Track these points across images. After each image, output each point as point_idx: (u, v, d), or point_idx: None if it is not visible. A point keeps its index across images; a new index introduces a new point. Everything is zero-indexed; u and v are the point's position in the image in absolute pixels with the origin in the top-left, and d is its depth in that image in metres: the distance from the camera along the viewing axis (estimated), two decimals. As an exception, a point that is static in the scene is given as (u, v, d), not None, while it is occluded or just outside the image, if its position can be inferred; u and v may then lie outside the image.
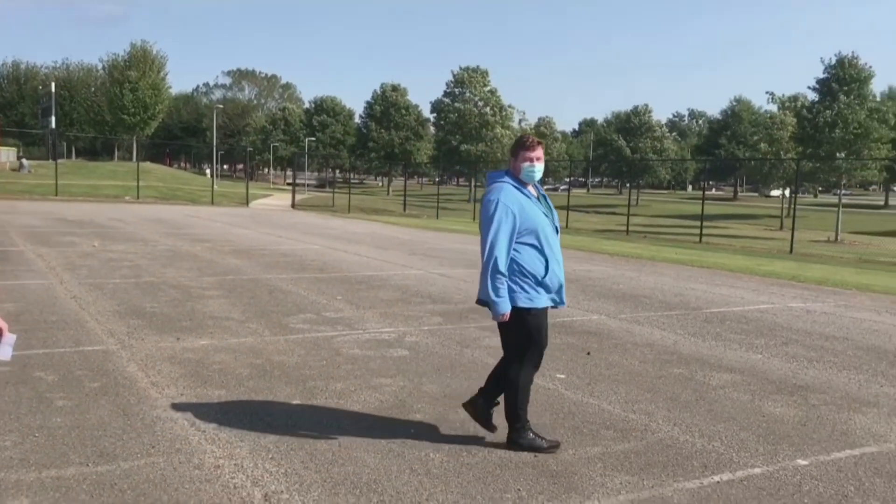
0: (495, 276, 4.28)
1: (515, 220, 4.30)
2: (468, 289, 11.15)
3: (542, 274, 4.39)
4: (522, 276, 4.36)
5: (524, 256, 4.36)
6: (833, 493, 4.10)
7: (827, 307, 10.75)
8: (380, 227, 26.39)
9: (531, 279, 4.38)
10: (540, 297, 4.42)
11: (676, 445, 4.76)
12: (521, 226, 4.32)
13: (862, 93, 31.09)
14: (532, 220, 4.36)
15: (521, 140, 4.55)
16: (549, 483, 4.08)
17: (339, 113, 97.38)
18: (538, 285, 4.40)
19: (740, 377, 6.58)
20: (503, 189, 4.38)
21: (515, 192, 4.39)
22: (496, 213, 4.29)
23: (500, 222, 4.28)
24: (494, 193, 4.37)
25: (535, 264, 4.38)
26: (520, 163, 4.45)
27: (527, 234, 4.35)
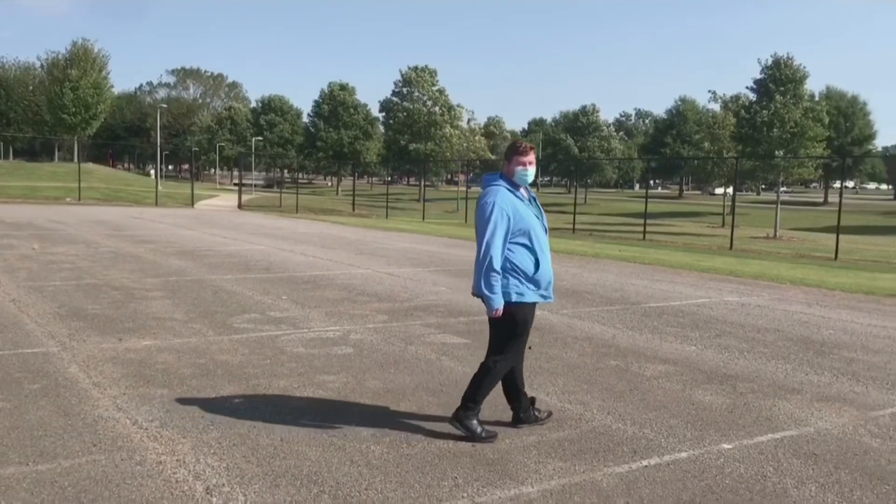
0: (490, 274, 4.54)
1: (510, 221, 4.57)
2: (414, 287, 11.28)
3: (533, 271, 4.67)
4: (515, 273, 4.63)
5: (517, 255, 4.63)
6: (753, 473, 4.32)
7: (761, 301, 11.14)
8: (327, 227, 26.35)
9: (522, 276, 4.65)
10: (529, 293, 4.70)
11: (609, 433, 4.95)
12: (514, 227, 4.59)
13: (797, 93, 32.15)
14: (525, 222, 4.63)
15: (515, 145, 4.83)
16: (486, 471, 4.22)
17: (287, 112, 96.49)
18: (529, 281, 4.67)
19: (673, 368, 6.83)
20: (498, 192, 4.64)
21: (509, 195, 4.66)
22: (492, 215, 4.54)
23: (497, 224, 4.54)
24: (491, 196, 4.63)
25: (527, 262, 4.65)
26: (514, 166, 4.72)
27: (520, 234, 4.62)
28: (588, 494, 3.95)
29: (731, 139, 34.97)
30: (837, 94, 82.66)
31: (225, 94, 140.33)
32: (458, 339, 7.67)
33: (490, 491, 3.95)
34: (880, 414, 5.60)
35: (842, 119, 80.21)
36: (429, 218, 37.14)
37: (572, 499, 3.89)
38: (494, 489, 3.98)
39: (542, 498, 3.89)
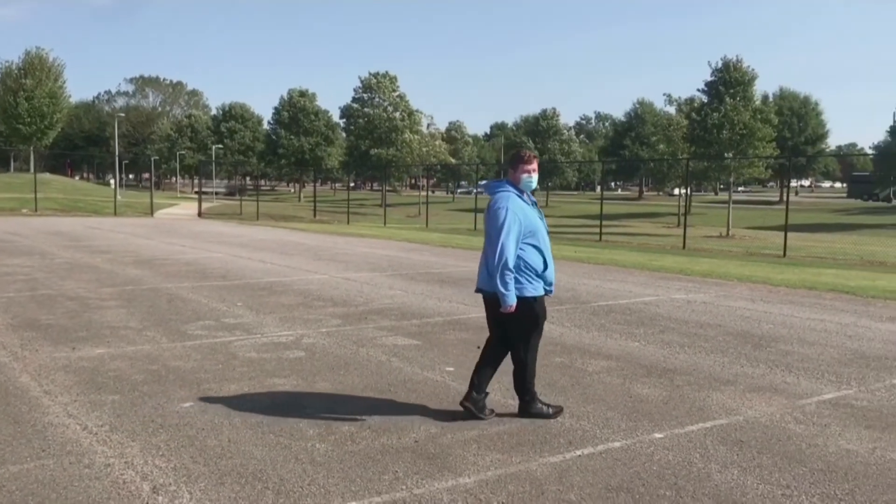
0: (505, 273, 4.96)
1: (521, 225, 5.00)
2: (370, 291, 11.43)
3: (542, 268, 5.14)
4: (527, 270, 5.08)
5: (528, 255, 5.07)
6: (680, 460, 4.56)
7: (707, 297, 11.48)
8: (287, 233, 26.36)
9: (533, 273, 5.10)
10: (539, 287, 5.16)
11: (547, 426, 5.16)
12: (524, 229, 5.03)
13: (746, 95, 32.94)
14: (533, 224, 5.09)
15: (520, 155, 5.27)
16: (426, 464, 4.40)
17: (248, 119, 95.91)
18: (539, 277, 5.14)
19: (616, 363, 7.07)
20: (510, 198, 5.07)
21: (519, 201, 5.10)
22: (506, 220, 4.96)
23: (510, 227, 4.96)
24: (503, 202, 5.05)
25: (537, 261, 5.11)
26: (520, 174, 5.17)
27: (529, 236, 5.06)
28: (522, 483, 4.15)
29: (683, 141, 35.68)
30: (790, 94, 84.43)
31: (185, 102, 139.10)
32: (409, 341, 7.85)
33: (429, 483, 4.13)
34: (807, 402, 5.89)
35: (795, 119, 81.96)
36: (391, 223, 37.27)
37: (506, 487, 4.09)
38: (433, 481, 4.16)
39: (477, 487, 4.09)
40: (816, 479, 4.30)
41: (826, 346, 8.02)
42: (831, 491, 4.13)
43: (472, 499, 3.94)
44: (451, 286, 12.22)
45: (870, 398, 6.02)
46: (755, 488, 4.14)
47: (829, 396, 6.06)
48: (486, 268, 5.12)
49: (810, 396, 6.05)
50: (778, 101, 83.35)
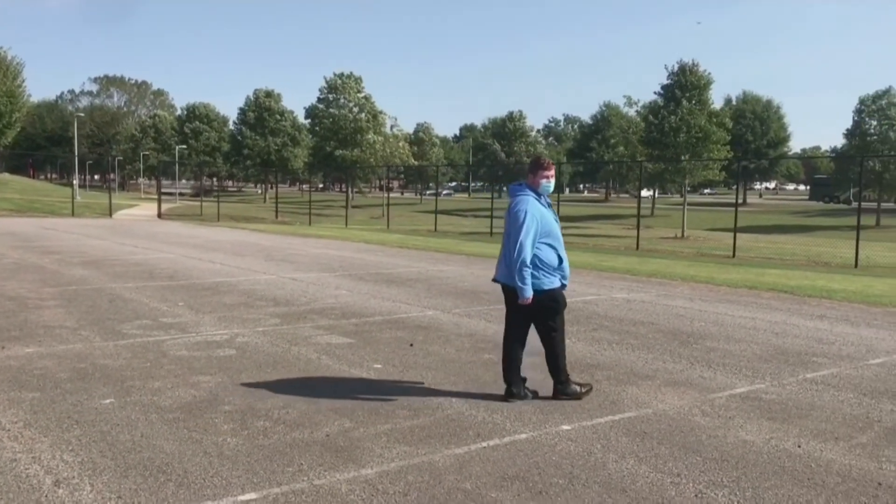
0: (523, 269, 5.51)
1: (538, 226, 5.55)
2: (315, 291, 11.50)
3: (557, 264, 5.71)
4: (545, 267, 5.64)
5: (545, 252, 5.63)
6: (580, 450, 4.72)
7: (648, 297, 11.71)
8: (246, 234, 26.28)
9: (550, 268, 5.67)
10: (556, 280, 5.73)
11: (461, 419, 5.30)
12: (541, 230, 5.58)
13: (702, 98, 33.49)
14: (549, 225, 5.65)
15: (539, 161, 5.83)
16: (332, 457, 4.51)
17: (214, 120, 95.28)
18: (556, 271, 5.71)
19: (541, 360, 7.13)
20: (529, 201, 5.63)
21: (537, 204, 5.65)
22: (526, 221, 5.52)
23: (529, 228, 5.51)
24: (523, 204, 5.61)
25: (552, 258, 5.67)
26: (539, 179, 5.71)
27: (545, 236, 5.62)
28: (421, 473, 4.28)
29: (640, 143, 36.14)
30: (753, 98, 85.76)
31: (151, 102, 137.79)
32: (343, 340, 7.94)
33: (330, 474, 4.24)
34: (718, 396, 6.09)
35: (757, 123, 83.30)
36: (354, 224, 37.27)
37: (405, 477, 4.21)
38: (335, 472, 4.27)
39: (377, 478, 4.20)
40: (708, 467, 4.48)
41: (751, 343, 8.25)
42: (718, 478, 4.31)
43: (369, 488, 4.06)
44: (397, 286, 12.33)
45: (779, 392, 6.24)
46: (646, 476, 4.31)
47: (740, 390, 6.27)
48: (504, 262, 5.72)
49: (723, 390, 6.25)
50: (741, 104, 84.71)
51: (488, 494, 4.02)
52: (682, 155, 32.56)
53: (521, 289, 5.54)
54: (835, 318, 9.97)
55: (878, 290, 12.82)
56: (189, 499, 3.88)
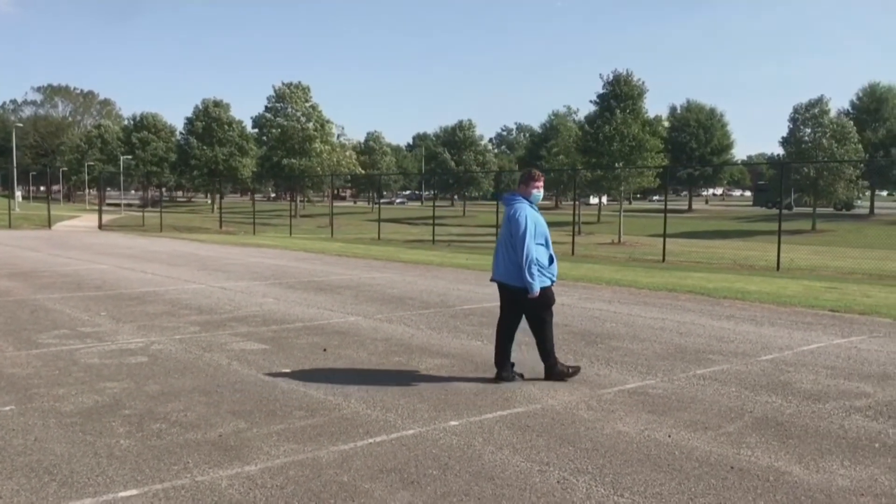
0: (532, 267, 6.33)
1: (535, 229, 6.40)
2: (241, 300, 11.61)
3: (548, 264, 6.52)
4: (538, 265, 6.41)
5: (539, 253, 6.43)
6: (461, 443, 4.96)
7: (569, 300, 12.05)
8: (185, 245, 26.12)
9: (542, 267, 6.45)
10: (546, 279, 6.52)
11: (354, 418, 5.51)
12: (536, 233, 6.40)
13: (636, 108, 34.32)
14: (541, 228, 6.49)
15: (531, 174, 6.73)
16: (219, 455, 4.69)
17: (161, 129, 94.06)
18: (546, 270, 6.50)
19: (450, 361, 7.49)
20: (525, 208, 6.46)
21: (530, 210, 6.49)
22: (527, 225, 6.35)
23: (529, 231, 6.34)
24: (521, 211, 6.44)
25: (544, 258, 6.49)
26: (531, 189, 6.59)
27: (539, 237, 6.45)
28: (303, 468, 4.48)
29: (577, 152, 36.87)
30: (697, 106, 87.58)
31: (97, 112, 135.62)
32: (258, 346, 8.10)
33: (214, 471, 4.42)
34: (607, 391, 6.39)
35: (701, 130, 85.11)
36: (301, 233, 37.24)
37: (287, 472, 4.41)
38: (219, 469, 4.45)
39: (259, 473, 4.39)
40: (577, 456, 4.76)
41: (654, 342, 8.61)
42: (584, 466, 4.59)
43: (249, 483, 4.25)
44: (326, 293, 12.49)
45: (667, 387, 6.57)
46: (516, 465, 4.57)
47: (630, 386, 6.59)
48: (503, 263, 6.52)
49: (613, 386, 6.57)
50: (685, 112, 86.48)
51: (362, 485, 4.24)
52: (616, 163, 33.32)
53: (530, 284, 6.34)
54: (741, 318, 10.41)
55: (792, 291, 13.37)
56: (69, 497, 4.03)
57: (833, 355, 7.98)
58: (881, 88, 68.59)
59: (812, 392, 6.44)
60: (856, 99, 69.68)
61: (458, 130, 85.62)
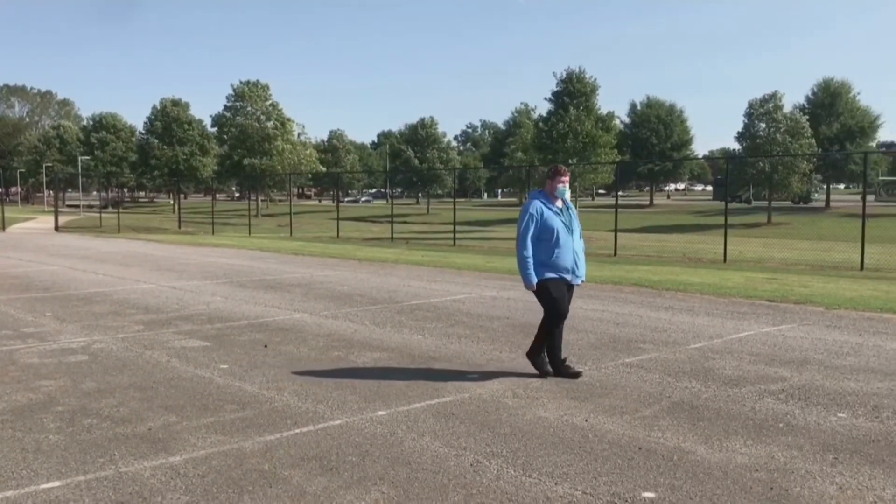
0: (519, 259, 6.56)
1: (537, 224, 6.49)
2: (190, 298, 11.66)
3: (549, 259, 6.54)
4: (539, 260, 6.54)
5: (538, 247, 6.52)
6: (385, 432, 5.14)
7: (516, 294, 12.26)
8: (141, 245, 25.96)
9: (542, 262, 6.54)
10: (549, 274, 6.57)
11: (285, 410, 5.65)
12: (541, 227, 6.49)
13: (588, 105, 34.82)
14: (548, 224, 6.49)
15: (557, 169, 6.75)
16: (146, 447, 4.81)
17: (121, 129, 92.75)
18: (547, 266, 6.55)
19: (388, 354, 7.66)
20: (532, 204, 6.61)
21: (540, 205, 6.58)
22: (525, 220, 6.55)
23: (527, 226, 6.51)
24: (526, 207, 6.67)
25: (545, 253, 6.52)
26: (556, 184, 6.65)
27: (545, 232, 6.48)
28: (227, 458, 4.62)
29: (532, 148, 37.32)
30: (657, 102, 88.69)
31: (56, 113, 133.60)
32: (199, 343, 8.20)
33: (139, 462, 4.54)
34: (535, 380, 6.60)
35: (661, 126, 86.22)
36: (260, 233, 37.11)
37: (210, 462, 4.55)
38: (143, 461, 4.57)
39: (182, 464, 4.53)
40: (495, 441, 4.96)
41: (590, 333, 8.87)
42: (499, 450, 4.79)
43: (171, 472, 4.39)
44: (275, 291, 12.59)
45: (594, 375, 6.81)
46: (435, 451, 4.76)
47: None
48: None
49: (543, 375, 6.78)
50: (645, 109, 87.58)
51: (282, 473, 4.40)
52: (570, 159, 33.79)
53: (522, 277, 6.61)
54: (679, 309, 10.72)
55: (733, 282, 13.74)
56: (-9, 489, 4.13)
57: (760, 343, 8.29)
58: (835, 84, 69.95)
59: (731, 377, 6.72)
60: (811, 94, 71.08)
61: (421, 128, 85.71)
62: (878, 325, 9.40)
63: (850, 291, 12.46)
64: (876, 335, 8.74)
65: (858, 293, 12.26)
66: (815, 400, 5.98)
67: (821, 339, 8.48)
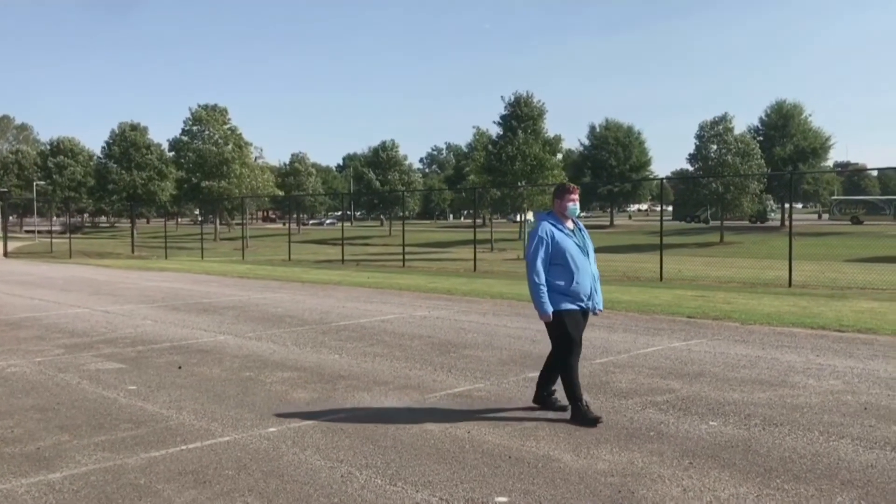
0: (531, 287, 5.92)
1: (548, 248, 5.90)
2: (119, 322, 11.72)
3: (568, 286, 5.91)
4: (554, 288, 5.91)
5: (553, 274, 5.92)
6: (269, 447, 5.30)
7: (447, 314, 12.51)
8: (88, 270, 25.82)
9: (559, 290, 5.90)
10: (567, 303, 5.93)
11: (178, 428, 5.79)
12: (553, 251, 5.90)
13: (536, 128, 35.50)
14: (561, 247, 5.91)
15: (565, 186, 6.20)
16: (29, 465, 4.92)
17: (79, 154, 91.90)
18: (565, 294, 5.91)
19: (298, 374, 7.82)
20: (541, 227, 6.03)
21: (551, 228, 6.00)
22: (535, 244, 5.94)
23: (537, 250, 5.91)
24: (535, 230, 6.05)
25: (562, 280, 5.91)
26: (566, 203, 6.09)
27: (558, 257, 5.90)
28: (105, 474, 4.76)
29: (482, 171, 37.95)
30: (615, 125, 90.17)
31: (13, 137, 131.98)
32: (115, 366, 8.29)
33: (16, 479, 4.66)
34: (434, 395, 6.82)
35: (620, 148, 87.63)
36: (215, 256, 37.01)
37: (88, 478, 4.68)
38: (22, 478, 4.69)
39: (61, 480, 4.66)
40: (373, 453, 5.15)
41: (503, 350, 9.11)
42: (374, 462, 4.98)
43: (47, 488, 4.52)
44: (208, 314, 12.68)
45: (492, 389, 7.04)
46: (311, 464, 4.94)
47: (458, 390, 7.04)
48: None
49: (443, 390, 7.00)
50: (604, 131, 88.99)
51: (156, 486, 4.55)
52: (519, 181, 34.41)
53: (536, 306, 5.95)
54: (600, 326, 10.99)
55: (661, 300, 14.11)
56: None
57: (663, 357, 8.60)
58: (787, 106, 71.71)
59: (623, 390, 7.00)
60: (764, 116, 72.76)
61: (382, 151, 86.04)
62: (783, 339, 9.76)
63: (769, 307, 12.87)
64: (778, 349, 9.10)
65: (777, 309, 12.68)
66: (693, 410, 6.26)
67: (723, 353, 8.81)
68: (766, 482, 4.56)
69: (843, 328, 10.58)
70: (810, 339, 9.72)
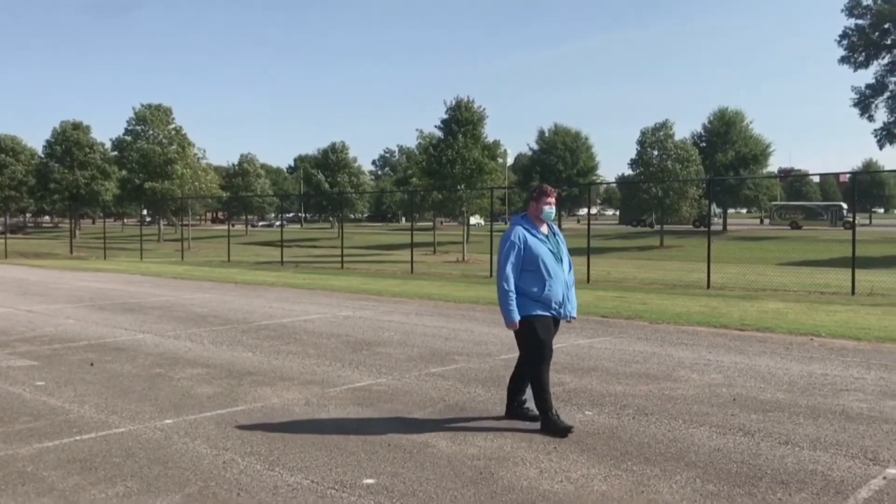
0: (500, 293, 5.70)
1: (520, 252, 5.68)
2: (41, 321, 11.76)
3: (539, 293, 5.69)
4: (525, 294, 5.68)
5: (525, 279, 5.68)
6: (162, 437, 5.54)
7: (371, 314, 12.79)
8: (20, 270, 25.51)
9: (531, 296, 5.68)
10: (538, 309, 5.70)
11: (77, 421, 5.98)
12: (525, 256, 5.68)
13: (476, 133, 36.07)
14: (534, 253, 5.68)
15: (542, 188, 5.94)
16: (-80, 456, 5.09)
17: (21, 152, 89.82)
18: (536, 300, 5.68)
19: (208, 370, 8.03)
20: (514, 231, 5.77)
21: (523, 232, 5.77)
22: (506, 249, 5.71)
23: (508, 255, 5.68)
24: (507, 235, 5.79)
25: (534, 286, 5.68)
26: (542, 205, 5.85)
27: (530, 263, 5.67)
28: (-5, 463, 4.96)
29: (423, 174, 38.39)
30: (563, 130, 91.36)
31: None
32: (28, 363, 8.40)
33: None
34: (335, 390, 7.10)
35: (568, 153, 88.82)
36: (157, 257, 36.67)
37: (-24, 467, 4.87)
38: (-89, 467, 4.86)
39: (-51, 469, 4.84)
40: (260, 442, 5.41)
41: (416, 347, 9.43)
42: (258, 450, 5.24)
43: (-67, 477, 4.69)
44: (132, 314, 12.77)
45: (392, 384, 7.35)
46: (197, 452, 5.19)
47: (360, 384, 7.33)
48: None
49: (344, 385, 7.29)
50: (553, 136, 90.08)
51: (42, 473, 4.76)
52: (458, 185, 34.89)
53: (503, 314, 5.70)
54: (515, 325, 11.40)
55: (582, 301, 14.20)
56: None
57: (564, 353, 8.99)
58: (729, 113, 73.56)
59: (516, 384, 7.36)
60: (707, 122, 74.54)
61: (332, 153, 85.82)
62: (684, 337, 10.27)
63: (681, 307, 13.44)
64: (676, 346, 9.59)
65: (688, 309, 13.25)
66: (575, 401, 6.66)
67: (622, 350, 9.27)
68: (617, 464, 4.96)
69: (744, 327, 11.15)
70: (709, 338, 10.25)
